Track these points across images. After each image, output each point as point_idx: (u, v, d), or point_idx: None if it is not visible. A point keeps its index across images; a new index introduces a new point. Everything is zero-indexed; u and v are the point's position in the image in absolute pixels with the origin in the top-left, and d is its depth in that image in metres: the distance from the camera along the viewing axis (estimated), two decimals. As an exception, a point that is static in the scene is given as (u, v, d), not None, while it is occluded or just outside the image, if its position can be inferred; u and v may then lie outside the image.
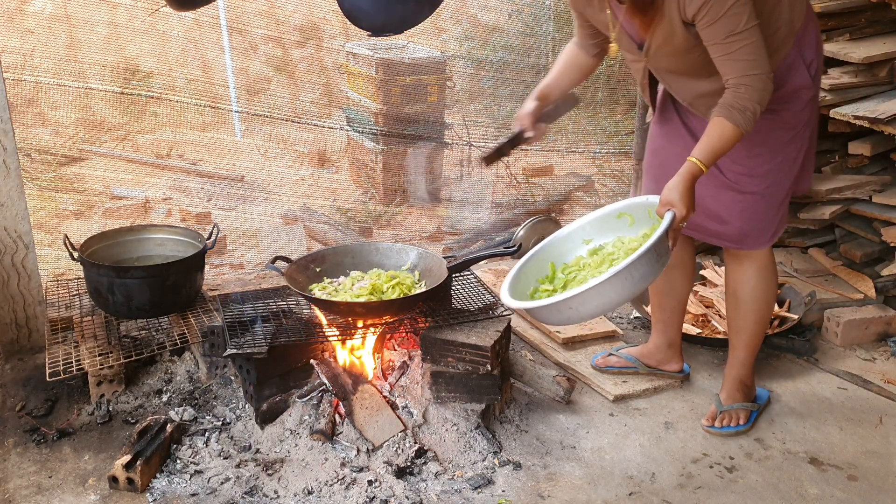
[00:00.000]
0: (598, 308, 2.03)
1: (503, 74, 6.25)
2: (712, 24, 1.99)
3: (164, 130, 5.77)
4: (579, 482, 2.31)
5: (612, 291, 1.98)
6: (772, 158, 2.30)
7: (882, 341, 3.12)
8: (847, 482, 2.34)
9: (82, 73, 5.26)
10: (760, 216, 2.38)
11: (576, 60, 2.46)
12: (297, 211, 4.71)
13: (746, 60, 2.01)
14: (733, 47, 2.00)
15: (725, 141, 2.05)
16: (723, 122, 2.04)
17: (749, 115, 2.02)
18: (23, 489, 2.23)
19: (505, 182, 5.22)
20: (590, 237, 2.32)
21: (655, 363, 2.80)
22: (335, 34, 5.79)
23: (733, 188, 2.36)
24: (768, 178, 2.33)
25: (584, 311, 2.03)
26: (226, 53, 5.99)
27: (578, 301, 1.99)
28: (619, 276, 1.95)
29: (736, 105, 2.02)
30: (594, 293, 1.97)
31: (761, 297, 2.49)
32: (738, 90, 2.03)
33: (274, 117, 5.45)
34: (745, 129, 2.03)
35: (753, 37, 2.00)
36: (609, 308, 2.06)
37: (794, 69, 2.23)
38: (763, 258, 2.46)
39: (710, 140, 2.06)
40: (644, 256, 1.95)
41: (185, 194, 5.11)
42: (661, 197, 2.09)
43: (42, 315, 2.90)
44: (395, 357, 2.64)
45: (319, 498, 2.19)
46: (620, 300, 2.02)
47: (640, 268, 1.97)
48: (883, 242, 3.22)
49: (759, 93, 2.02)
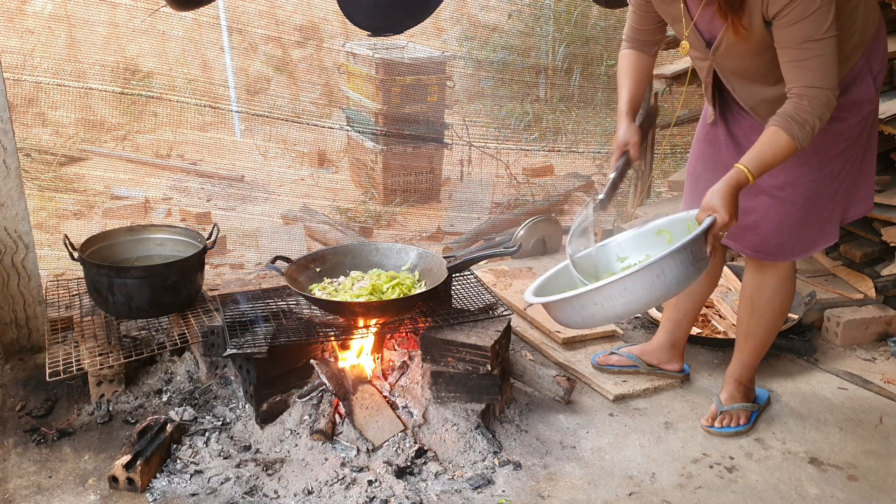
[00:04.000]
0: (625, 307, 1.89)
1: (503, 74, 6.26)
2: (792, 25, 1.89)
3: (164, 130, 5.78)
4: (579, 482, 2.31)
5: (640, 288, 1.85)
6: (819, 169, 2.21)
7: (882, 341, 3.12)
8: (847, 482, 2.34)
9: (82, 73, 5.27)
10: (798, 228, 2.28)
11: (641, 65, 2.35)
12: (297, 211, 4.71)
13: (816, 71, 1.92)
14: (806, 54, 1.91)
15: (778, 153, 1.96)
16: (779, 133, 1.94)
17: (808, 130, 1.93)
18: (23, 489, 2.23)
19: (505, 182, 5.23)
20: (626, 255, 2.22)
21: (656, 362, 2.80)
22: (335, 34, 5.80)
23: (773, 196, 2.27)
24: (810, 189, 2.23)
25: (609, 310, 1.90)
26: (226, 53, 6.00)
27: (603, 296, 1.88)
28: (649, 272, 1.84)
29: (796, 117, 1.93)
30: (620, 288, 1.86)
31: (778, 306, 2.44)
32: (800, 101, 1.93)
33: (274, 117, 5.46)
34: (801, 143, 1.94)
35: (829, 48, 1.91)
36: (637, 308, 1.92)
37: (860, 80, 2.13)
38: (785, 268, 2.39)
39: (762, 149, 1.97)
40: (678, 255, 1.84)
41: (185, 194, 5.11)
42: (703, 201, 2.00)
43: (42, 315, 2.90)
44: (395, 357, 2.64)
45: (319, 498, 2.19)
46: (650, 300, 1.90)
47: (673, 267, 1.85)
48: (883, 242, 3.22)
49: (821, 107, 1.93)
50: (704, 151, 2.46)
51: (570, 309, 1.97)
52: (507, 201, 5.03)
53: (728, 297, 3.29)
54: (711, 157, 2.43)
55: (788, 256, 2.36)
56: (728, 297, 3.28)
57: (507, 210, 4.89)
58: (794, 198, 2.25)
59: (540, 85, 6.68)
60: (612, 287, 1.86)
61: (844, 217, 2.34)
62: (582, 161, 5.60)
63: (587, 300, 1.91)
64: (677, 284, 1.89)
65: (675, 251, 1.85)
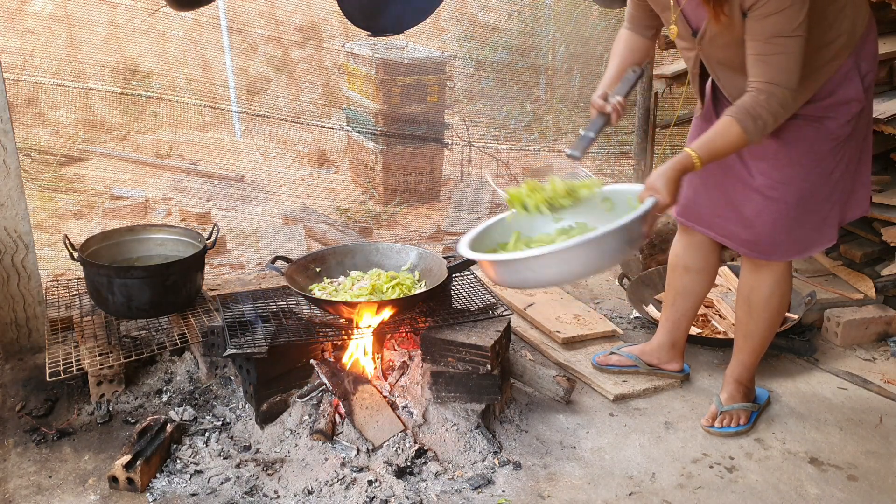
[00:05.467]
0: (557, 275, 1.94)
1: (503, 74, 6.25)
2: (764, 19, 1.91)
3: (164, 130, 5.78)
4: (579, 482, 2.31)
5: (575, 260, 1.89)
6: (811, 168, 2.22)
7: (882, 341, 3.12)
8: (847, 482, 2.34)
9: (82, 73, 5.27)
10: (791, 226, 2.29)
11: (634, 43, 2.38)
12: (297, 211, 4.71)
13: (779, 68, 1.94)
14: (772, 50, 1.93)
15: (728, 143, 1.99)
16: (733, 123, 1.97)
17: (759, 125, 1.96)
18: (23, 489, 2.23)
19: (505, 182, 5.22)
20: (561, 216, 2.23)
21: (656, 362, 2.80)
22: (335, 34, 5.80)
23: (766, 195, 2.28)
24: (802, 188, 2.24)
25: (542, 276, 1.94)
26: (226, 53, 6.00)
27: (540, 263, 1.90)
28: (588, 246, 1.86)
29: (751, 111, 1.95)
30: (557, 258, 1.88)
31: (775, 306, 2.45)
32: (758, 96, 1.95)
33: (274, 117, 5.46)
34: (751, 138, 1.97)
35: (796, 47, 1.92)
36: (569, 279, 1.96)
37: (847, 80, 2.14)
38: (781, 268, 2.39)
39: (713, 137, 2.00)
40: (617, 233, 1.87)
41: (185, 194, 5.11)
42: (647, 181, 2.02)
43: (42, 315, 2.90)
44: (395, 357, 2.64)
45: (319, 498, 2.19)
46: (583, 272, 1.94)
47: (611, 243, 1.88)
48: (883, 242, 3.22)
49: (777, 105, 1.95)
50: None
51: (504, 270, 2.00)
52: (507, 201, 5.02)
53: (728, 297, 3.29)
54: None
55: (784, 256, 2.36)
56: (728, 298, 3.28)
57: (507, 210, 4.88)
58: (787, 197, 2.26)
59: (540, 85, 6.68)
60: (550, 256, 1.89)
61: (843, 219, 2.34)
62: (582, 161, 5.59)
63: (523, 265, 1.94)
64: (611, 260, 1.94)
65: (616, 230, 1.87)
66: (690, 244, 2.60)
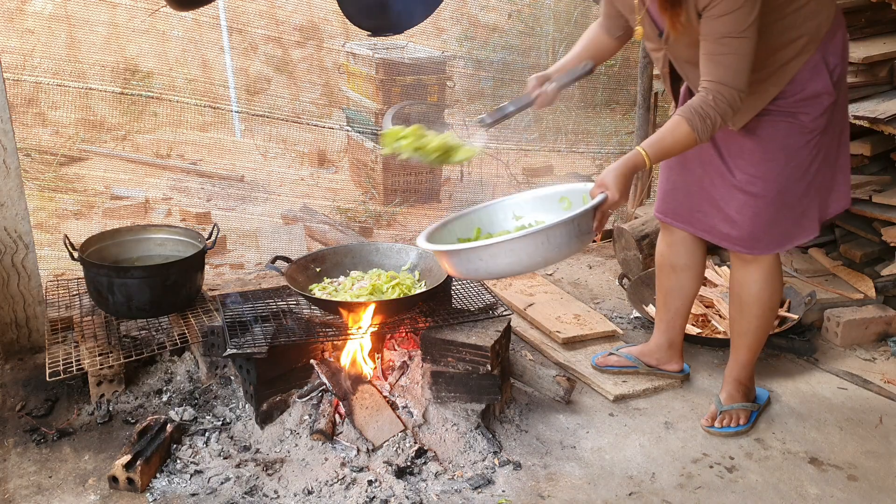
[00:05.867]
0: (508, 266, 2.01)
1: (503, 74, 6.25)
2: (716, 19, 1.96)
3: (164, 130, 5.77)
4: (579, 482, 2.31)
5: (523, 252, 1.97)
6: (786, 163, 2.26)
7: (882, 341, 3.12)
8: (847, 482, 2.34)
9: (82, 73, 5.27)
10: (771, 221, 2.33)
11: (598, 40, 2.42)
12: (297, 211, 4.71)
13: (728, 68, 1.99)
14: (722, 49, 1.98)
15: (678, 141, 2.04)
16: (681, 122, 2.02)
17: (708, 125, 2.00)
18: (23, 489, 2.23)
19: (505, 182, 5.22)
20: (522, 213, 2.32)
21: (655, 362, 2.80)
22: (335, 34, 5.79)
23: (745, 191, 2.31)
24: (779, 183, 2.27)
25: (493, 266, 2.01)
26: (226, 53, 5.99)
27: (489, 253, 1.99)
28: (535, 238, 1.95)
29: (699, 111, 2.00)
30: (506, 248, 1.97)
31: (766, 301, 2.46)
32: (706, 96, 2.01)
33: (274, 117, 5.46)
34: (700, 137, 2.02)
35: (745, 49, 1.98)
36: (519, 269, 2.04)
37: (816, 74, 2.18)
38: (769, 263, 2.42)
39: (663, 136, 2.06)
40: (564, 226, 1.95)
41: (185, 194, 5.11)
42: (599, 178, 2.07)
43: (42, 315, 2.90)
44: (395, 357, 2.64)
45: (319, 498, 2.19)
46: (531, 264, 2.02)
47: (558, 236, 1.96)
48: (883, 242, 3.22)
49: (725, 105, 2.00)
50: None
51: (457, 260, 2.08)
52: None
53: (728, 296, 3.28)
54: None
55: (765, 250, 2.39)
56: (728, 297, 3.27)
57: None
58: (765, 192, 2.29)
59: (540, 85, 6.67)
60: (498, 247, 1.98)
61: (824, 213, 2.38)
62: (582, 161, 5.60)
63: (474, 255, 2.02)
64: (559, 254, 2.00)
65: (563, 222, 1.95)
66: (674, 242, 2.62)
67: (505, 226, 2.33)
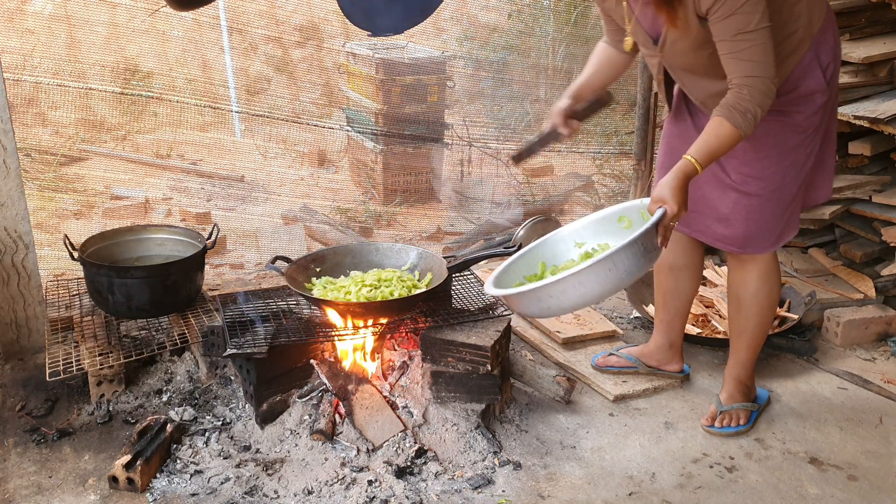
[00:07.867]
0: (579, 299, 1.96)
1: (503, 74, 6.24)
2: (724, 20, 1.97)
3: (164, 130, 5.77)
4: (579, 482, 2.31)
5: (593, 281, 1.91)
6: (780, 161, 2.27)
7: (882, 341, 3.12)
8: (847, 482, 2.34)
9: (82, 73, 5.26)
10: (766, 220, 2.34)
11: (608, 58, 2.42)
12: (297, 211, 4.71)
13: (752, 61, 1.99)
14: (741, 46, 1.98)
15: (723, 141, 2.02)
16: (722, 122, 2.01)
17: (749, 118, 1.99)
18: (23, 489, 2.23)
19: (505, 182, 5.22)
20: (583, 240, 2.27)
21: (656, 363, 2.80)
22: (335, 34, 5.79)
23: (739, 190, 2.33)
24: (775, 182, 2.29)
25: (564, 301, 1.96)
26: (226, 53, 5.99)
27: (558, 289, 1.93)
28: (601, 265, 1.89)
29: (737, 106, 1.99)
30: (574, 282, 1.91)
31: (764, 300, 2.47)
32: (740, 91, 2.00)
33: (274, 117, 5.45)
34: (744, 131, 2.00)
35: (763, 38, 1.97)
36: (591, 300, 1.99)
37: (809, 72, 2.19)
38: (766, 261, 2.43)
39: (707, 139, 2.03)
40: (629, 248, 1.89)
41: (185, 194, 5.11)
42: (653, 194, 2.05)
43: (42, 315, 2.90)
44: (395, 357, 2.64)
45: (319, 498, 2.19)
46: (602, 292, 1.96)
47: (625, 260, 1.90)
48: (883, 242, 3.22)
49: (761, 95, 1.99)
50: (673, 146, 2.51)
51: (527, 301, 2.02)
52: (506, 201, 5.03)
53: (728, 297, 3.28)
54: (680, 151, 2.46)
55: (759, 249, 2.40)
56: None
57: (507, 210, 4.88)
58: (760, 190, 2.30)
59: (540, 85, 6.67)
60: (567, 281, 1.92)
61: (805, 204, 2.41)
62: (582, 161, 5.59)
63: (544, 293, 1.96)
64: (629, 276, 1.94)
65: (627, 245, 1.90)
66: (671, 242, 2.62)
67: (569, 255, 2.25)
